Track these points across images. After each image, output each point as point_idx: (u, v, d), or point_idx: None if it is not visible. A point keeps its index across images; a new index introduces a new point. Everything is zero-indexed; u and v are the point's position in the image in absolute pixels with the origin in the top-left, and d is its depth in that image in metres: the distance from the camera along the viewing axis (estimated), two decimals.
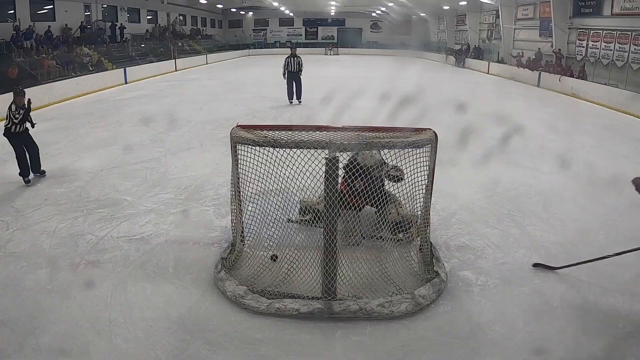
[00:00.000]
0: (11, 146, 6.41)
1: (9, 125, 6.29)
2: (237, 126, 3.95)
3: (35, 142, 6.60)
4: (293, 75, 12.19)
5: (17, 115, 6.24)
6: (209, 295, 3.75)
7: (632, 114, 12.07)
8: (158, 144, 8.35)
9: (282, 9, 37.64)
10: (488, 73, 22.16)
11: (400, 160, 3.81)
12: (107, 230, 4.89)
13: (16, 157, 6.39)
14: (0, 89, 11.61)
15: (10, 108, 6.26)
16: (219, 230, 4.91)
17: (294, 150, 3.63)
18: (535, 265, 4.24)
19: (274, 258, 4.10)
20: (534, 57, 18.51)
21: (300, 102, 12.34)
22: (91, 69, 16.99)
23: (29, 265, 4.18)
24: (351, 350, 3.19)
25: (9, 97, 11.29)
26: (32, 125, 6.69)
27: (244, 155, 3.90)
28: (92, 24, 21.53)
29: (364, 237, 4.39)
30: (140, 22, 26.14)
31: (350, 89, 14.43)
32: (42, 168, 6.67)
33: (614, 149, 8.59)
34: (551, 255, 4.44)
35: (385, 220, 4.18)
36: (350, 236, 4.34)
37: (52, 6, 18.97)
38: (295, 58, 11.94)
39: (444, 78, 20.70)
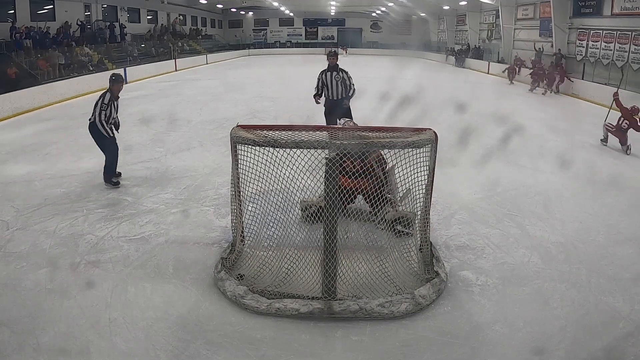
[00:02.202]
0: (100, 147, 5.94)
1: (97, 120, 5.73)
2: (237, 126, 3.95)
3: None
4: (333, 105, 6.95)
5: (111, 109, 5.74)
6: (209, 295, 3.75)
7: None
8: (158, 144, 8.34)
9: (282, 9, 37.65)
10: (488, 73, 22.18)
11: (401, 160, 3.81)
12: (107, 230, 4.89)
13: (107, 159, 5.97)
14: (0, 89, 11.63)
15: (102, 98, 5.74)
16: (219, 230, 4.91)
17: (294, 150, 3.64)
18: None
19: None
20: (533, 57, 18.47)
21: None
22: (91, 69, 17.00)
23: (29, 265, 4.18)
24: (351, 350, 3.19)
25: (9, 97, 11.49)
26: (116, 128, 6.06)
27: (244, 155, 3.90)
28: (92, 24, 21.54)
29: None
30: (140, 22, 26.17)
31: None
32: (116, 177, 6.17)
33: (614, 149, 8.58)
34: (551, 255, 4.44)
35: (383, 219, 4.21)
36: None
37: (52, 6, 19.00)
38: (339, 73, 6.78)
39: (444, 78, 20.71)
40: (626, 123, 8.16)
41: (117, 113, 5.99)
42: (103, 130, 5.82)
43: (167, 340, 3.23)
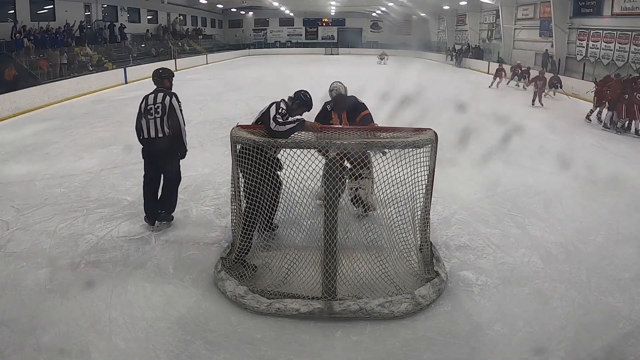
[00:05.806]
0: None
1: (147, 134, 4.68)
2: (237, 126, 3.96)
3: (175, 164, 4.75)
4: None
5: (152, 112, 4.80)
6: (209, 295, 3.75)
7: None
8: None
9: (282, 9, 37.68)
10: (488, 73, 22.15)
11: (401, 160, 3.81)
12: (107, 230, 4.89)
13: (144, 183, 4.77)
14: (0, 89, 11.64)
15: (171, 98, 4.85)
16: (219, 230, 4.91)
17: (294, 150, 3.64)
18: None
19: None
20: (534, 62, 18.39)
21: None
22: (91, 69, 17.01)
23: (29, 265, 4.17)
24: (351, 350, 3.19)
25: (9, 97, 11.48)
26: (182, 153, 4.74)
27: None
28: (92, 24, 21.56)
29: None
30: (140, 22, 26.19)
31: (350, 89, 14.39)
32: (169, 211, 4.92)
33: (614, 149, 8.59)
34: (551, 255, 4.44)
35: (356, 190, 4.47)
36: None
37: (52, 6, 19.01)
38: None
39: (444, 78, 20.70)
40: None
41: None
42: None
43: (167, 340, 3.23)
